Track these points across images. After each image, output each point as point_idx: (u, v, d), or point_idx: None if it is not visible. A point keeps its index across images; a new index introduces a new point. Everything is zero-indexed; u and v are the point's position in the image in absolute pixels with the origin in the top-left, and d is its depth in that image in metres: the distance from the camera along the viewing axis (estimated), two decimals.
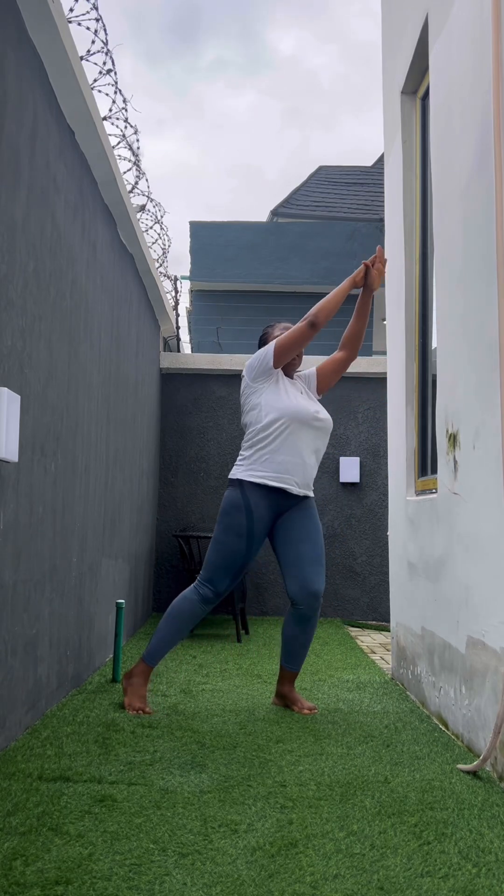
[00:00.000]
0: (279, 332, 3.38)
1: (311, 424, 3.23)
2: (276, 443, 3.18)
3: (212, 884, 1.66)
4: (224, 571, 3.18)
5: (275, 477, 3.18)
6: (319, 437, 3.28)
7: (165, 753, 2.56)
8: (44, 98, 2.85)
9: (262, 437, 3.20)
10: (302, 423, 3.20)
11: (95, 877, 1.67)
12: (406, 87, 4.02)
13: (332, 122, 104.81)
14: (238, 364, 6.48)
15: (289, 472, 3.19)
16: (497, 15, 2.45)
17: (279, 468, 3.18)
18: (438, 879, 1.72)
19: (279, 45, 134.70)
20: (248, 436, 3.26)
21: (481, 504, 2.65)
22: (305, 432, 3.21)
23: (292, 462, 3.19)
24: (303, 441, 3.21)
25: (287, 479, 3.19)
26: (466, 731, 2.78)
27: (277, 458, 3.18)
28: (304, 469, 3.22)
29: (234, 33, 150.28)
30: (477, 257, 2.73)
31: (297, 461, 3.20)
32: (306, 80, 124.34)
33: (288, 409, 3.19)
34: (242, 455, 3.27)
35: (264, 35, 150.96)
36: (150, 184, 39.72)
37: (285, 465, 3.18)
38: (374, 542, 6.40)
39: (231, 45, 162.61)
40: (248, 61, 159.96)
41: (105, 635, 4.13)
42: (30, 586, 2.77)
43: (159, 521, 6.42)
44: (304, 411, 3.21)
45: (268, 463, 3.18)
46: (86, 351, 3.57)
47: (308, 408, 3.24)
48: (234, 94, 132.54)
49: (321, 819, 2.05)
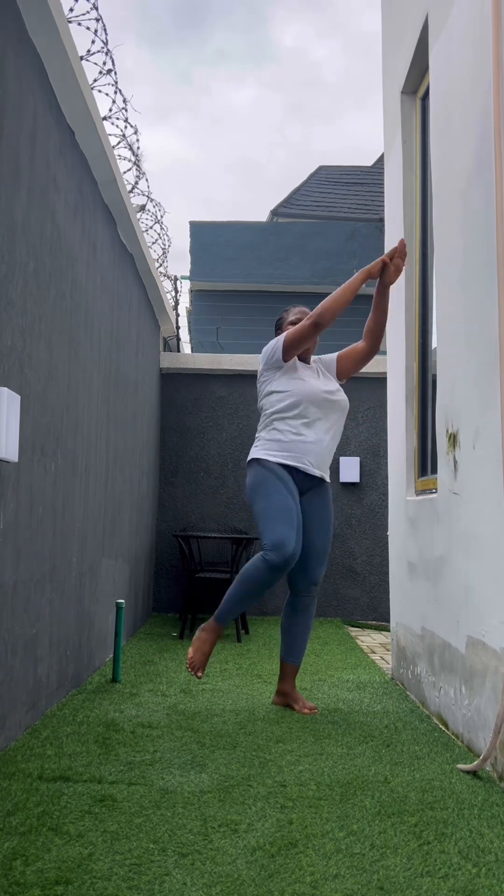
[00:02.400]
0: (294, 316, 3.45)
1: (324, 404, 3.28)
2: (290, 424, 3.25)
3: (212, 884, 1.66)
4: (286, 527, 3.07)
5: (289, 456, 3.23)
6: (334, 417, 3.32)
7: (165, 753, 2.56)
8: (44, 98, 2.85)
9: (277, 419, 3.27)
10: (313, 403, 3.26)
11: (95, 877, 1.67)
12: (406, 87, 4.02)
13: (334, 116, 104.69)
14: (238, 364, 6.48)
15: (303, 451, 3.24)
16: (497, 15, 2.45)
17: (293, 447, 3.23)
18: (438, 879, 1.72)
19: (282, 36, 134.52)
20: (263, 418, 3.35)
21: (481, 504, 2.65)
22: (319, 412, 3.27)
23: (306, 441, 3.25)
24: (317, 420, 3.27)
25: (301, 458, 3.24)
26: (466, 731, 2.78)
27: (292, 438, 3.24)
28: (320, 448, 3.27)
29: (238, 23, 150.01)
30: (477, 257, 2.73)
31: (311, 440, 3.25)
32: (309, 74, 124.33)
33: (300, 391, 3.25)
34: (259, 437, 3.34)
35: (268, 26, 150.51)
36: (150, 177, 39.68)
37: (299, 445, 3.24)
38: (374, 542, 6.40)
39: (234, 34, 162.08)
40: (249, 53, 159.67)
41: (105, 635, 4.13)
42: (30, 586, 2.77)
43: (159, 521, 6.42)
44: (315, 392, 3.27)
45: (282, 443, 3.24)
46: (86, 351, 3.57)
47: (320, 387, 3.30)
48: (235, 87, 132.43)
49: (321, 819, 2.05)
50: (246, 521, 6.37)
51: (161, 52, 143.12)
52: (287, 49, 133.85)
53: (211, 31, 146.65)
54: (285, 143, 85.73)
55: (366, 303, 3.33)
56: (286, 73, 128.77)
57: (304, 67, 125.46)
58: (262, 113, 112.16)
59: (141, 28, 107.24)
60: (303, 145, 76.51)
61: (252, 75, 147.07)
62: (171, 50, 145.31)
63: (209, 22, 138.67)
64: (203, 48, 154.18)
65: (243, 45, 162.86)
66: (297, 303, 4.07)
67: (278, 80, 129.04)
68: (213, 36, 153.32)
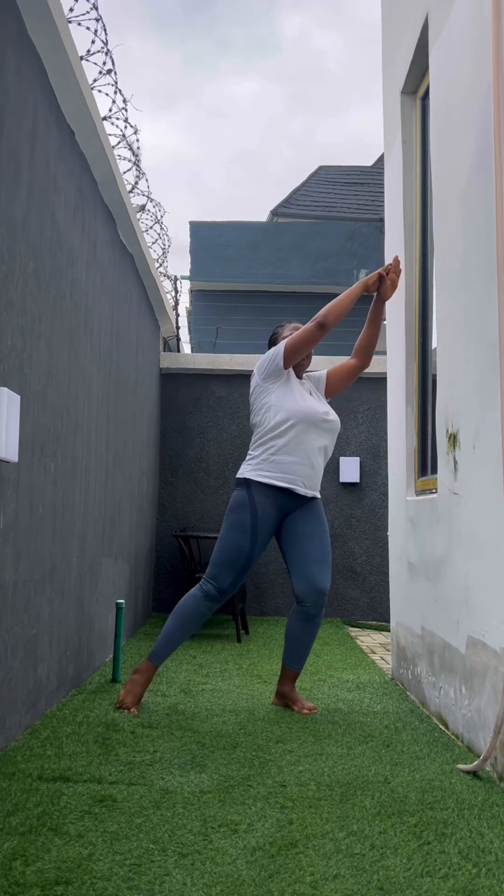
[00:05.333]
0: (289, 332, 3.39)
1: (320, 425, 3.24)
2: (285, 443, 3.19)
3: (212, 884, 1.66)
4: (228, 568, 3.18)
5: (281, 477, 3.19)
6: (327, 438, 3.29)
7: (165, 753, 2.56)
8: (44, 98, 2.85)
9: (271, 438, 3.21)
10: (310, 423, 3.21)
11: (95, 877, 1.67)
12: (406, 87, 4.02)
13: (338, 108, 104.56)
14: (238, 364, 6.48)
15: (296, 473, 3.20)
16: (497, 15, 2.45)
17: (286, 469, 3.19)
18: (438, 879, 1.72)
19: (285, 27, 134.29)
20: (257, 435, 3.28)
21: (481, 504, 2.65)
22: (314, 433, 3.23)
23: (300, 463, 3.20)
24: (311, 442, 3.22)
25: (294, 479, 3.20)
26: (466, 731, 2.78)
27: (285, 459, 3.19)
28: (312, 470, 3.24)
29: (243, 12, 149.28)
30: (477, 257, 2.73)
31: (304, 462, 3.21)
32: (313, 64, 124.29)
33: (297, 410, 3.20)
34: (251, 455, 3.29)
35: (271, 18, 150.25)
36: (151, 168, 39.61)
37: (292, 466, 3.20)
38: (374, 542, 6.40)
39: (238, 24, 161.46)
40: (253, 43, 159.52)
41: (105, 635, 4.13)
42: (30, 586, 2.77)
43: (159, 521, 6.42)
44: (313, 412, 3.23)
45: (275, 463, 3.20)
46: (86, 351, 3.57)
47: (317, 408, 3.26)
48: (236, 80, 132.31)
49: (321, 819, 2.05)
50: None
51: (165, 39, 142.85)
52: (290, 39, 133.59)
53: (216, 21, 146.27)
54: (288, 136, 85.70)
55: (364, 302, 3.32)
56: (289, 64, 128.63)
57: (307, 58, 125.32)
58: (264, 105, 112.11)
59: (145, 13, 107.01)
60: (306, 138, 76.46)
61: (255, 67, 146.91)
62: (176, 35, 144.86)
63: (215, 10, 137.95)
64: (207, 38, 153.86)
65: (247, 35, 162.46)
66: (295, 304, 4.07)
67: (281, 72, 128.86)
68: (217, 26, 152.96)
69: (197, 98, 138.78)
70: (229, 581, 3.19)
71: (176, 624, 3.21)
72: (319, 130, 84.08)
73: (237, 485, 3.27)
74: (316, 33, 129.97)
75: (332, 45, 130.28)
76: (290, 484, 3.19)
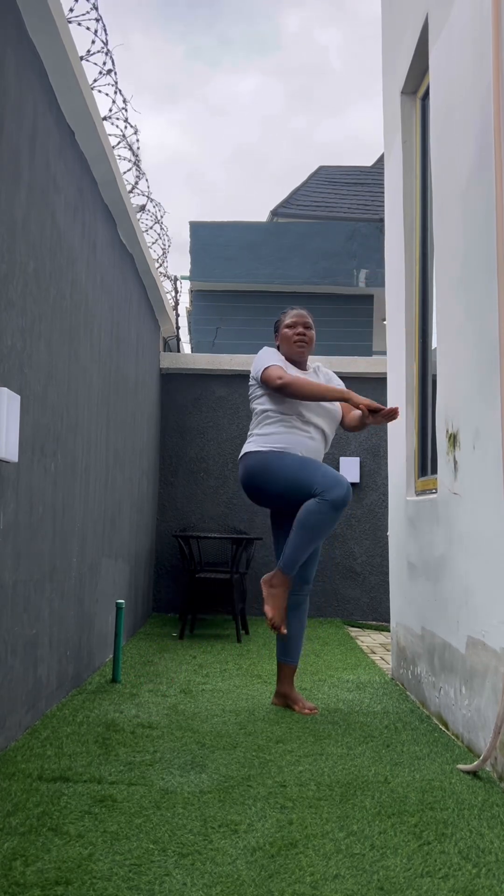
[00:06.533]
0: (291, 319, 3.50)
1: (315, 409, 3.35)
2: (284, 420, 3.32)
3: (212, 884, 1.66)
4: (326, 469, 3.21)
5: (284, 447, 3.29)
6: (323, 420, 3.38)
7: (165, 753, 2.56)
8: (44, 98, 2.85)
9: (269, 413, 3.34)
10: (305, 407, 3.33)
11: (95, 877, 1.67)
12: (406, 87, 4.02)
13: (337, 107, 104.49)
14: (238, 364, 6.48)
15: (296, 444, 3.30)
16: (497, 15, 2.45)
17: (287, 440, 3.30)
18: (438, 879, 1.72)
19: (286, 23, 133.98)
20: (255, 416, 3.42)
21: (481, 504, 2.65)
22: (311, 413, 3.34)
23: (299, 435, 3.31)
24: (309, 420, 3.33)
25: (296, 448, 3.29)
26: (466, 731, 2.78)
27: (285, 431, 3.32)
28: (312, 444, 3.33)
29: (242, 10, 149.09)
30: (477, 257, 2.73)
31: (303, 435, 3.32)
32: (313, 61, 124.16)
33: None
34: (251, 433, 3.42)
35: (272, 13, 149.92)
36: (151, 164, 39.60)
37: (293, 438, 3.31)
38: (374, 542, 6.40)
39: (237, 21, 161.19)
40: (252, 40, 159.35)
41: (105, 635, 4.13)
42: (30, 586, 2.77)
43: (159, 521, 6.42)
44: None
45: (276, 436, 3.32)
46: (86, 351, 3.57)
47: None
48: (237, 76, 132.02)
49: (321, 819, 2.05)
50: (246, 521, 6.36)
51: (168, 33, 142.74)
52: (291, 35, 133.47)
53: (217, 17, 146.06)
54: (288, 134, 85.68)
55: (365, 302, 3.33)
56: (290, 60, 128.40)
57: (308, 54, 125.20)
58: (265, 102, 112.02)
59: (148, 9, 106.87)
60: (306, 137, 76.44)
61: (255, 63, 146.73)
62: (177, 31, 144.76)
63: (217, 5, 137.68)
64: (208, 34, 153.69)
65: (248, 31, 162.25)
66: (296, 304, 4.07)
67: (282, 68, 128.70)
68: (218, 21, 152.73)
69: (197, 94, 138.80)
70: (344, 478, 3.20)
71: (307, 537, 3.17)
72: (320, 129, 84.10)
73: (245, 460, 3.35)
74: (317, 29, 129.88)
75: (333, 41, 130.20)
76: (290, 449, 3.27)
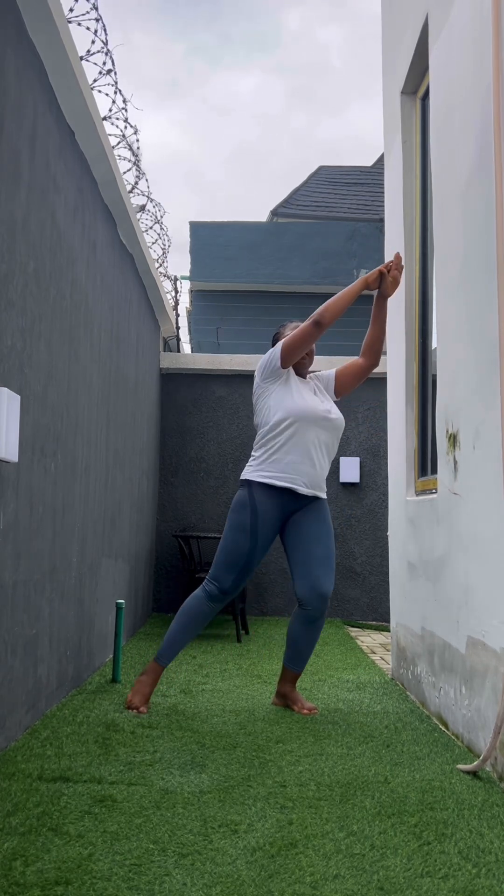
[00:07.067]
0: (289, 332, 3.37)
1: (320, 423, 3.23)
2: (284, 443, 3.19)
3: (212, 884, 1.66)
4: (229, 569, 3.18)
5: (282, 477, 3.18)
6: (329, 436, 3.28)
7: (165, 753, 2.56)
8: (44, 98, 2.85)
9: (271, 438, 3.22)
10: (310, 421, 3.20)
11: (95, 877, 1.67)
12: (406, 87, 4.02)
13: (338, 106, 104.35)
14: (238, 364, 6.48)
15: (297, 472, 3.19)
16: (497, 15, 2.45)
17: (287, 468, 3.19)
18: (438, 880, 1.72)
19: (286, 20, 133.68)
20: (258, 436, 3.29)
21: (481, 504, 2.65)
22: (314, 431, 3.22)
23: (300, 462, 3.20)
24: (312, 440, 3.21)
25: (295, 479, 3.19)
26: (466, 731, 2.78)
27: (285, 459, 3.19)
28: (314, 469, 3.23)
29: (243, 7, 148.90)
30: (477, 257, 2.73)
31: (305, 461, 3.20)
32: (313, 59, 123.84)
33: (295, 408, 3.19)
34: (253, 456, 3.30)
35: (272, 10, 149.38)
36: (151, 163, 39.59)
37: (293, 466, 3.19)
38: (374, 542, 6.40)
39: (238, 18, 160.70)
40: (253, 37, 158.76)
41: (105, 635, 4.13)
42: (30, 586, 2.77)
43: (159, 521, 6.42)
44: (311, 410, 3.21)
45: (276, 463, 3.20)
46: (86, 351, 3.57)
47: (317, 406, 3.25)
48: (237, 74, 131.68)
49: (321, 819, 2.05)
50: None
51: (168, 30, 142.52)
52: (291, 32, 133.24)
53: (217, 14, 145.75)
54: (289, 133, 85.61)
55: (367, 303, 3.32)
56: (291, 58, 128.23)
57: (309, 52, 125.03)
58: (265, 100, 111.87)
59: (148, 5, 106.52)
60: (307, 136, 76.35)
61: (256, 61, 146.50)
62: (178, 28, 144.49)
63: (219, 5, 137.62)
64: (208, 31, 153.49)
65: (248, 28, 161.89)
66: (296, 303, 4.07)
67: (282, 66, 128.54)
68: (219, 18, 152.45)
69: (198, 92, 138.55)
70: (231, 581, 3.19)
71: (180, 625, 3.22)
72: (320, 128, 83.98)
73: (240, 486, 3.27)
74: (318, 27, 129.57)
75: (333, 40, 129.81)
76: (291, 483, 3.19)
